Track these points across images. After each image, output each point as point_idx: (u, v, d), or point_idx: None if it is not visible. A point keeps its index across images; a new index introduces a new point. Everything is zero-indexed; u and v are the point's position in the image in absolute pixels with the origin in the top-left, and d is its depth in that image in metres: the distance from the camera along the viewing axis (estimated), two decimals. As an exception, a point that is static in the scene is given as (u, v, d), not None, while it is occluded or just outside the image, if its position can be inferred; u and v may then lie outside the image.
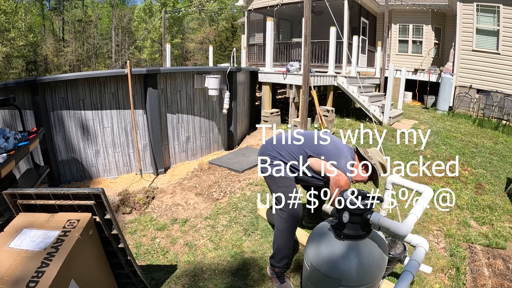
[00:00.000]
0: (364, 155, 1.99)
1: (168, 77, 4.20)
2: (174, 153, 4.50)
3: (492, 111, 7.55)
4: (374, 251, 1.56)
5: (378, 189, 2.29)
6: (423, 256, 1.52)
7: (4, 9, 21.24)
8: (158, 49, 28.66)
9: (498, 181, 3.90)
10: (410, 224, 1.52)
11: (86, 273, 1.44)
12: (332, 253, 1.54)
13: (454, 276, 2.18)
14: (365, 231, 1.54)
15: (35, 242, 1.34)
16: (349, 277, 1.48)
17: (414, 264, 1.45)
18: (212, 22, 31.05)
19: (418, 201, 1.80)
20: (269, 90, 6.73)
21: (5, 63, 23.44)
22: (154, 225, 2.85)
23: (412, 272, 1.40)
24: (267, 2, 10.14)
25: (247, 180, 3.81)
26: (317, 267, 1.57)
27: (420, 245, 1.56)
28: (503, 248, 2.51)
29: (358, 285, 1.52)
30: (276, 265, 2.03)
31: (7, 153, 2.21)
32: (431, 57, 10.54)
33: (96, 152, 3.95)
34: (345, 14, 8.62)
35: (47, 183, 3.76)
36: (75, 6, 32.36)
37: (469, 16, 8.12)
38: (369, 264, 1.52)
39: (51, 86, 3.60)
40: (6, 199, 1.54)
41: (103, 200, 1.48)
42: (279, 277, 2.04)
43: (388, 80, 6.59)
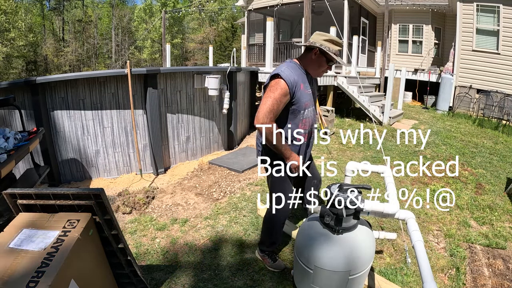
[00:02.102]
0: (305, 44, 1.88)
1: (168, 77, 4.20)
2: (174, 153, 4.50)
3: (492, 111, 7.56)
4: (367, 232, 1.68)
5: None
6: (417, 224, 1.65)
7: (4, 9, 21.24)
8: (158, 49, 28.66)
9: (498, 181, 3.90)
10: (396, 202, 1.71)
11: (86, 273, 1.44)
12: (337, 250, 1.58)
13: (454, 276, 2.18)
14: (356, 219, 1.64)
15: (35, 242, 1.34)
16: (357, 265, 1.58)
17: (417, 234, 1.57)
18: (212, 22, 31.07)
19: (386, 181, 1.96)
20: (269, 90, 6.72)
21: (5, 63, 23.45)
22: (154, 225, 2.85)
23: (421, 240, 1.54)
24: (267, 2, 10.14)
25: (247, 180, 3.81)
26: (324, 267, 1.60)
27: (409, 217, 1.70)
28: (503, 248, 2.51)
29: (363, 269, 1.62)
30: (266, 250, 2.21)
31: (7, 153, 2.21)
32: (431, 57, 10.54)
33: (96, 152, 3.95)
34: (345, 14, 8.62)
35: (47, 183, 3.76)
36: (75, 6, 32.37)
37: (469, 16, 8.12)
38: (367, 246, 1.63)
39: (51, 86, 3.60)
40: (6, 199, 1.54)
41: (103, 200, 1.48)
42: (271, 257, 2.20)
43: (388, 80, 6.59)
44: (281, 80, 1.74)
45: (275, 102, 1.73)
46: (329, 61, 1.85)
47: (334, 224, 1.59)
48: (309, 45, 1.83)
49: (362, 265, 1.61)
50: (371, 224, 1.90)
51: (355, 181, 3.65)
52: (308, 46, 1.85)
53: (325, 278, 1.63)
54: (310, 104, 1.91)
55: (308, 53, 1.88)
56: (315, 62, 1.86)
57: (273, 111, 1.74)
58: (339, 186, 1.63)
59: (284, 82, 1.73)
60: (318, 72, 1.92)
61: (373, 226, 2.53)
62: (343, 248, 1.58)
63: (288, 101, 1.79)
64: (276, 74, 1.76)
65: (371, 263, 1.69)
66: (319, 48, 1.79)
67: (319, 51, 1.81)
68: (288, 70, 1.77)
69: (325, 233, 1.63)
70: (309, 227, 1.74)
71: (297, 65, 1.87)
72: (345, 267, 1.57)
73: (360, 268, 1.61)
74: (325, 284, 1.66)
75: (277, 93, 1.73)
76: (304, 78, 1.86)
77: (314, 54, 1.83)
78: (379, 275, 2.15)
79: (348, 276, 1.59)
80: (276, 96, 1.73)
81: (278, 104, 1.74)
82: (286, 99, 1.77)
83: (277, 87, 1.73)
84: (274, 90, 1.74)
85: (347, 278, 1.60)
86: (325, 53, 1.80)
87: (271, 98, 1.73)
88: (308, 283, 1.73)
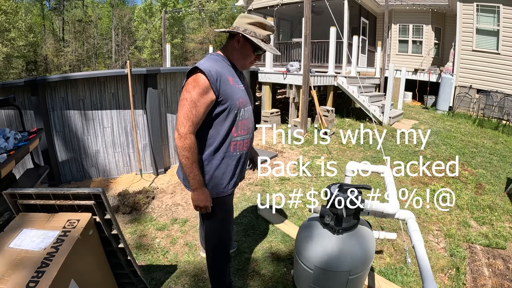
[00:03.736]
0: (225, 30, 1.52)
1: (168, 77, 4.20)
2: (174, 153, 4.50)
3: (492, 111, 7.55)
4: (367, 232, 1.68)
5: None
6: (417, 224, 1.65)
7: (5, 9, 21.25)
8: (158, 49, 28.66)
9: (498, 181, 3.90)
10: (396, 201, 1.70)
11: (86, 273, 1.44)
12: (337, 250, 1.59)
13: (454, 276, 2.18)
14: (356, 219, 1.63)
15: (35, 242, 1.34)
16: (357, 265, 1.58)
17: (417, 234, 1.58)
18: (212, 22, 31.06)
19: (386, 181, 1.94)
20: (269, 90, 6.73)
21: (5, 63, 23.45)
22: (154, 225, 2.85)
23: (421, 240, 1.54)
24: (267, 2, 10.15)
25: (247, 180, 3.81)
26: (324, 267, 1.60)
27: (409, 217, 1.70)
28: (503, 248, 2.51)
29: (363, 269, 1.62)
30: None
31: (7, 153, 2.21)
32: (431, 57, 10.54)
33: (96, 152, 3.95)
34: (345, 14, 8.62)
35: (47, 183, 3.77)
36: (75, 6, 32.37)
37: (469, 16, 8.12)
38: (368, 245, 1.63)
39: (51, 86, 3.60)
40: (6, 199, 1.54)
41: (103, 200, 1.48)
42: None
43: (388, 80, 6.59)
44: (199, 75, 1.36)
45: (192, 106, 1.35)
46: (256, 50, 1.51)
47: (334, 224, 1.60)
48: (230, 31, 1.48)
49: (362, 265, 1.61)
50: (371, 224, 1.90)
51: (355, 181, 3.65)
52: (230, 31, 1.49)
53: (325, 278, 1.63)
54: (246, 102, 1.54)
55: (230, 40, 1.52)
56: (239, 51, 1.51)
57: (190, 118, 1.35)
58: (339, 186, 1.63)
59: (204, 76, 1.35)
60: (244, 63, 1.56)
61: (373, 226, 2.53)
62: (343, 248, 1.58)
63: (213, 100, 1.40)
64: (194, 69, 1.39)
65: (371, 263, 1.69)
66: (242, 34, 1.45)
67: (243, 38, 1.47)
68: (208, 62, 1.42)
69: (325, 233, 1.63)
70: (309, 227, 1.74)
71: (220, 57, 1.51)
72: (345, 267, 1.58)
73: (360, 268, 1.61)
74: (325, 284, 1.66)
75: (195, 92, 1.35)
76: (231, 71, 1.51)
77: (237, 42, 1.48)
78: (379, 275, 2.15)
79: (348, 276, 1.59)
80: (193, 96, 1.35)
81: (198, 108, 1.36)
82: (209, 98, 1.38)
83: (194, 85, 1.36)
84: (190, 90, 1.36)
85: (347, 278, 1.60)
86: (250, 40, 1.46)
87: (187, 100, 1.35)
88: (308, 283, 1.73)
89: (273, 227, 2.74)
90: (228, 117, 1.46)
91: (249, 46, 1.50)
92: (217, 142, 1.48)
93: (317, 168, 4.14)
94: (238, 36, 1.47)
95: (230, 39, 1.53)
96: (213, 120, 1.46)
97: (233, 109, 1.46)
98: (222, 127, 1.47)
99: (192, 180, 1.43)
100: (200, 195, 1.47)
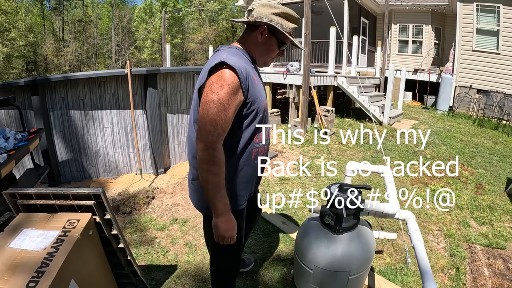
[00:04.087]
0: (247, 20, 1.30)
1: (168, 77, 4.20)
2: (174, 153, 4.50)
3: (492, 111, 7.55)
4: (367, 232, 1.68)
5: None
6: (417, 224, 1.66)
7: (5, 9, 21.26)
8: (158, 49, 28.66)
9: (498, 181, 3.90)
10: (396, 201, 1.70)
11: (86, 273, 1.44)
12: (337, 250, 1.59)
13: (454, 276, 2.18)
14: (356, 219, 1.64)
15: (35, 242, 1.34)
16: (356, 265, 1.59)
17: (417, 234, 1.58)
18: (212, 22, 31.07)
19: (386, 181, 1.93)
20: (269, 90, 6.74)
21: (5, 63, 23.46)
22: (154, 225, 2.85)
23: (421, 240, 1.54)
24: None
25: (247, 180, 3.81)
26: (325, 267, 1.60)
27: (409, 217, 1.70)
28: (503, 248, 2.51)
29: (363, 269, 1.62)
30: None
31: (7, 153, 2.21)
32: (431, 57, 10.55)
33: (96, 152, 3.95)
34: (345, 14, 8.62)
35: (47, 183, 3.77)
36: (75, 6, 32.38)
37: (469, 16, 8.12)
38: (368, 245, 1.63)
39: (51, 86, 3.60)
40: (6, 199, 1.54)
41: (103, 200, 1.48)
42: None
43: (388, 80, 6.59)
44: (226, 71, 1.12)
45: (221, 109, 1.11)
46: (281, 44, 1.32)
47: (334, 224, 1.60)
48: (254, 22, 1.27)
49: (362, 265, 1.61)
50: (371, 224, 1.90)
51: (355, 181, 3.65)
52: (252, 23, 1.28)
53: (325, 278, 1.63)
54: (266, 104, 1.36)
55: (251, 32, 1.30)
56: (263, 45, 1.31)
57: (219, 123, 1.12)
58: (339, 186, 1.63)
59: (233, 74, 1.12)
60: (267, 59, 1.36)
61: (373, 226, 2.53)
62: (343, 248, 1.59)
63: (241, 102, 1.18)
64: (219, 64, 1.13)
65: (371, 263, 1.69)
66: (267, 24, 1.25)
67: (268, 30, 1.27)
68: (233, 57, 1.17)
69: (325, 233, 1.63)
70: (309, 227, 1.74)
71: (240, 51, 1.28)
72: (345, 267, 1.58)
73: (360, 268, 1.61)
74: (325, 284, 1.66)
75: (223, 93, 1.11)
76: (253, 69, 1.29)
77: (261, 34, 1.28)
78: (379, 275, 2.15)
79: (348, 276, 1.60)
80: (222, 97, 1.11)
81: (227, 111, 1.13)
82: (238, 100, 1.16)
83: (221, 83, 1.11)
84: (217, 89, 1.11)
85: (347, 278, 1.60)
86: (277, 32, 1.27)
87: (214, 102, 1.11)
88: (308, 283, 1.73)
89: (273, 227, 2.74)
90: (253, 121, 1.26)
91: (274, 40, 1.30)
92: (238, 150, 1.26)
93: (317, 168, 4.15)
94: (262, 28, 1.27)
95: (250, 31, 1.31)
96: (237, 125, 1.22)
97: (259, 112, 1.27)
98: (246, 133, 1.25)
99: (218, 204, 1.18)
100: (228, 223, 1.22)
